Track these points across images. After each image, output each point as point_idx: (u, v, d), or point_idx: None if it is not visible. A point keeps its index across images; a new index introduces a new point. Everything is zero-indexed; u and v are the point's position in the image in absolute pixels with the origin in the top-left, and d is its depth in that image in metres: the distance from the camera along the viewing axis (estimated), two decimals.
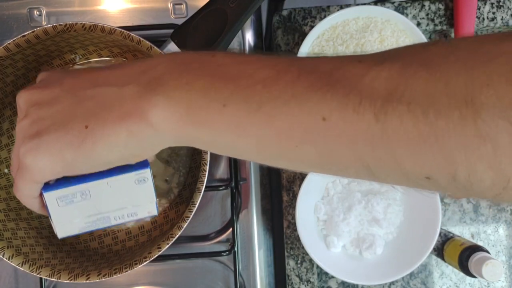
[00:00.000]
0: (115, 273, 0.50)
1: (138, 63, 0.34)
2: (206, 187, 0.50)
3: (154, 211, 0.41)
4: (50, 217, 0.39)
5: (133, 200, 0.40)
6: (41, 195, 0.38)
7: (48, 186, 0.37)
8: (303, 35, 0.64)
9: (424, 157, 0.26)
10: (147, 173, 0.38)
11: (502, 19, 0.66)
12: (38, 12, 0.64)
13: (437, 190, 0.28)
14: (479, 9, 0.66)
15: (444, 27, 0.66)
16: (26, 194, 0.38)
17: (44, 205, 0.39)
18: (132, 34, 0.49)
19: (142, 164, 0.37)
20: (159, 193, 0.59)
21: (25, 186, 0.37)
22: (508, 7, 0.66)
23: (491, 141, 0.24)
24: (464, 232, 0.66)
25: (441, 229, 0.64)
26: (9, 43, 0.49)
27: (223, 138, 0.31)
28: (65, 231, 0.40)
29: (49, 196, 0.38)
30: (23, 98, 0.36)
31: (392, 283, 0.67)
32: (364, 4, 0.63)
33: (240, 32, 0.63)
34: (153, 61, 0.34)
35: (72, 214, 0.39)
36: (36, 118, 0.35)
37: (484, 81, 0.24)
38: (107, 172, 0.36)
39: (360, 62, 0.28)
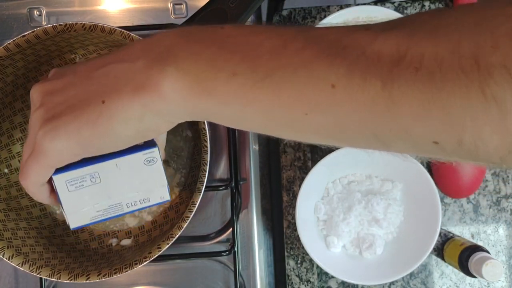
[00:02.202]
0: (115, 273, 0.50)
1: (146, 39, 0.34)
2: (206, 187, 0.50)
3: (166, 196, 0.41)
4: (61, 203, 0.38)
5: (144, 184, 0.39)
6: (49, 181, 0.37)
7: (56, 170, 0.37)
8: None
9: (432, 122, 0.26)
10: (155, 152, 0.37)
11: None
12: (38, 12, 0.64)
13: (443, 156, 0.28)
14: None
15: None
16: (35, 180, 0.37)
17: (51, 193, 0.38)
18: (132, 34, 0.49)
19: (150, 144, 0.37)
20: None
21: (38, 171, 0.36)
22: None
23: (498, 104, 0.24)
24: (464, 232, 0.66)
25: (441, 229, 0.64)
26: (9, 43, 0.49)
27: (231, 108, 0.31)
28: (77, 220, 0.40)
29: (58, 179, 0.37)
30: (37, 90, 0.36)
31: (392, 283, 0.67)
32: (364, 4, 0.63)
33: None
34: (161, 35, 0.34)
35: (83, 201, 0.38)
36: (51, 105, 0.35)
37: (492, 44, 0.24)
38: (115, 153, 0.36)
39: (367, 30, 0.28)
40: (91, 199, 0.39)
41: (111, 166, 0.37)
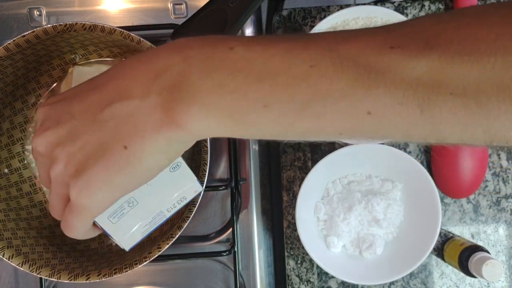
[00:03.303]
0: (115, 273, 0.50)
1: (145, 65, 0.32)
2: (206, 187, 0.50)
3: (199, 188, 0.42)
4: (110, 236, 0.40)
5: (176, 187, 0.41)
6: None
7: None
8: None
9: (466, 135, 0.28)
10: (178, 158, 0.38)
11: None
12: (38, 12, 0.64)
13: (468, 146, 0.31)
14: None
15: None
16: (82, 231, 0.37)
17: (95, 227, 0.40)
18: (132, 34, 0.49)
19: None
20: None
21: (82, 224, 0.36)
22: None
23: None
24: (464, 232, 0.66)
25: (441, 229, 0.64)
26: (9, 43, 0.49)
27: (267, 134, 0.31)
28: (129, 242, 0.41)
29: (100, 219, 0.39)
30: (41, 144, 0.35)
31: (392, 283, 0.67)
32: (364, 4, 0.63)
33: (240, 32, 0.63)
34: (163, 60, 0.31)
35: (128, 225, 0.40)
36: (66, 158, 0.33)
37: None
38: None
39: (395, 48, 0.28)
40: (135, 220, 0.40)
41: (143, 186, 0.37)
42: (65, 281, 0.51)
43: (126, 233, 0.41)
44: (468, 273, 0.59)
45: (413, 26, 0.29)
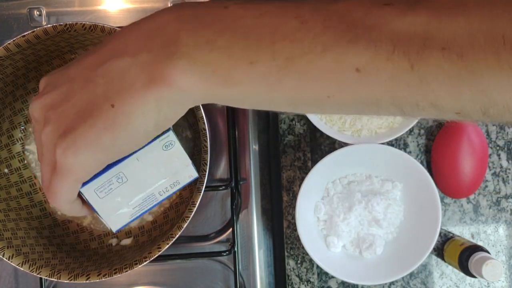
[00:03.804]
0: (115, 273, 0.50)
1: (140, 26, 0.32)
2: (206, 187, 0.50)
3: (194, 173, 0.41)
4: (97, 212, 0.39)
5: (169, 169, 0.39)
6: (79, 194, 0.37)
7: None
8: None
9: (460, 97, 0.27)
10: (170, 136, 0.37)
11: None
12: (38, 12, 0.64)
13: (463, 120, 0.29)
14: None
15: None
16: (67, 199, 0.36)
17: (83, 205, 0.38)
18: None
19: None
20: None
21: (67, 189, 0.35)
22: None
23: None
24: (464, 232, 0.66)
25: (441, 229, 0.64)
26: (9, 43, 0.49)
27: (253, 94, 0.30)
28: (117, 223, 0.40)
29: (86, 190, 0.37)
30: (36, 107, 0.34)
31: (392, 283, 0.67)
32: None
33: None
34: (158, 20, 0.31)
35: (117, 203, 0.39)
36: (58, 119, 0.33)
37: None
38: None
39: (387, 5, 0.28)
40: (124, 198, 0.39)
41: (133, 162, 0.37)
42: (65, 281, 0.50)
43: (114, 212, 0.39)
44: (468, 273, 0.59)
45: None
